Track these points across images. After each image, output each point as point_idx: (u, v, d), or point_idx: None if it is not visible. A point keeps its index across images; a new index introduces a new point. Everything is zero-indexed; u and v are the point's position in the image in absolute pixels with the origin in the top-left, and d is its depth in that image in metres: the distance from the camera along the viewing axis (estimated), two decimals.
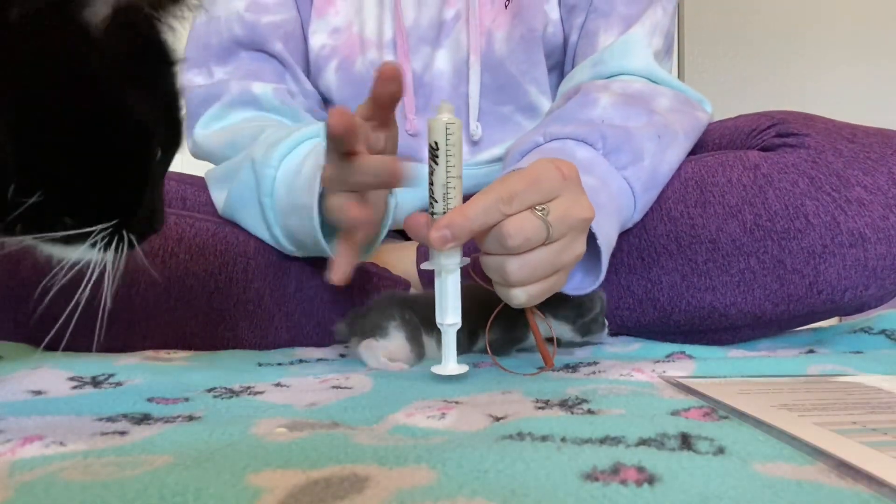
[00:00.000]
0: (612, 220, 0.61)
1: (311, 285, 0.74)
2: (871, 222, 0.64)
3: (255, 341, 0.71)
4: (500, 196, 0.47)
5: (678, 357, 0.62)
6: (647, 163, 0.66)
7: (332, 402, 0.44)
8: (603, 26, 0.79)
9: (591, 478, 0.26)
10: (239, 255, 0.71)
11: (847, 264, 0.64)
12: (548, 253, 0.49)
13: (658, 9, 0.79)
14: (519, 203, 0.48)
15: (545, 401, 0.42)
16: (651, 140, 0.67)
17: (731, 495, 0.24)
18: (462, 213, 0.47)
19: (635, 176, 0.65)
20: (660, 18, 0.79)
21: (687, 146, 0.73)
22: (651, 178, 0.67)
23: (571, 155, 0.64)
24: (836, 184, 0.65)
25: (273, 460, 0.28)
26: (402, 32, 0.82)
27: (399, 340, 0.59)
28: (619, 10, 0.79)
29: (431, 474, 0.26)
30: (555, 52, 0.86)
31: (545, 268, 0.50)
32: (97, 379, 0.50)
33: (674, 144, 0.70)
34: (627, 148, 0.65)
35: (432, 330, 0.59)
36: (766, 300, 0.67)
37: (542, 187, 0.49)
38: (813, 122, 0.70)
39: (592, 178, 0.61)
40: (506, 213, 0.47)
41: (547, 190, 0.49)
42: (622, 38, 0.77)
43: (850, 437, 0.30)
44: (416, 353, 0.60)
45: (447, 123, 0.48)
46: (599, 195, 0.60)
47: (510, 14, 0.83)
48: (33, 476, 0.27)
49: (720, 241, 0.67)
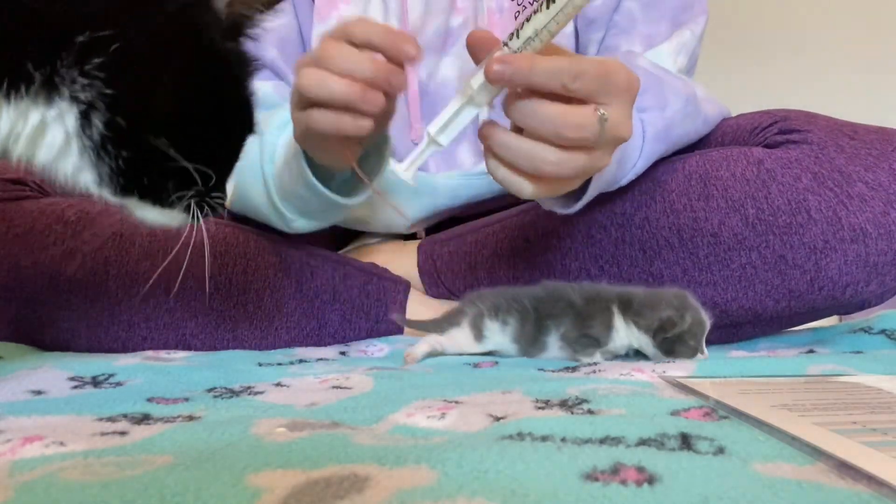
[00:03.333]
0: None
1: (311, 285, 0.74)
2: (872, 218, 0.64)
3: (255, 342, 0.71)
4: (571, 68, 0.46)
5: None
6: (667, 114, 0.66)
7: (332, 402, 0.44)
8: (625, 42, 0.80)
9: (591, 478, 0.26)
10: (239, 255, 0.71)
11: (848, 260, 0.65)
12: (587, 159, 0.49)
13: (687, 31, 0.79)
14: (583, 85, 0.46)
15: (545, 401, 0.42)
16: (678, 98, 0.68)
17: (731, 495, 0.24)
18: (530, 60, 0.46)
19: (651, 121, 0.65)
20: (687, 40, 0.79)
21: (702, 131, 0.74)
22: (665, 130, 0.67)
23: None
24: (838, 179, 0.65)
25: (273, 460, 0.28)
26: None
27: (465, 329, 0.63)
28: (639, 28, 0.79)
29: (431, 474, 0.26)
30: None
31: (577, 172, 0.49)
32: (97, 379, 0.50)
33: (693, 119, 0.71)
34: (654, 92, 0.66)
35: (496, 315, 0.62)
36: (766, 296, 0.67)
37: (609, 84, 0.48)
38: (815, 120, 0.70)
39: None
40: (569, 86, 0.46)
41: (612, 90, 0.48)
42: (648, 53, 0.77)
43: (850, 437, 0.30)
44: (477, 336, 0.63)
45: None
46: None
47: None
48: (33, 476, 0.27)
49: (722, 234, 0.67)
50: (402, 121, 0.85)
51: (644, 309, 0.58)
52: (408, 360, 0.61)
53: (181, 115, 0.41)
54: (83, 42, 0.37)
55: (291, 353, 0.67)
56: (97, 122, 0.38)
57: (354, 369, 0.57)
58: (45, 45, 0.37)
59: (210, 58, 0.42)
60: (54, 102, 0.38)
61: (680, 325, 0.56)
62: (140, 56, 0.39)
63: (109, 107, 0.38)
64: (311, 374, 0.54)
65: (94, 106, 0.38)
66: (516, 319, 0.62)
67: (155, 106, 0.40)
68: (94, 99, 0.38)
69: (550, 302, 0.62)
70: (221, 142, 0.44)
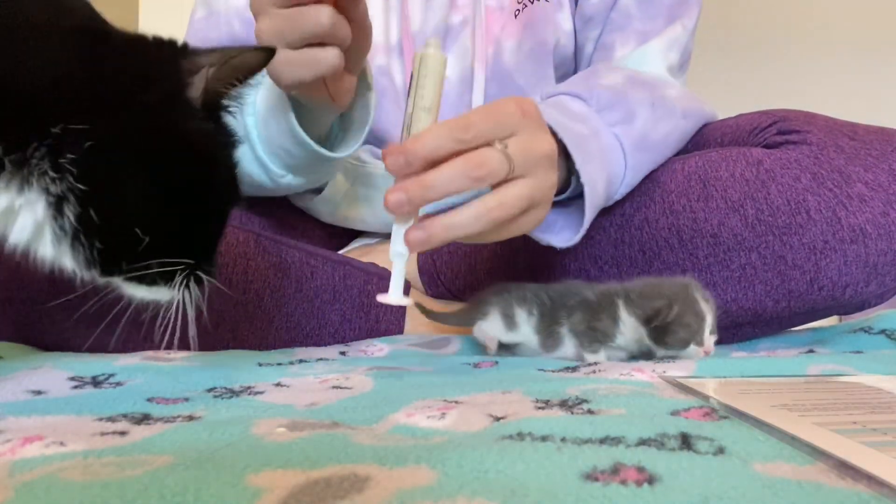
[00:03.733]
0: (599, 169, 0.62)
1: (310, 285, 0.74)
2: (871, 218, 0.64)
3: (255, 342, 0.71)
4: (457, 124, 0.47)
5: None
6: (638, 125, 0.67)
7: (332, 401, 0.44)
8: (619, 40, 0.80)
9: (591, 478, 0.26)
10: (239, 256, 0.71)
11: (848, 260, 0.64)
12: (523, 188, 0.49)
13: (678, 26, 0.79)
14: (475, 133, 0.47)
15: (545, 401, 0.42)
16: (644, 106, 0.68)
17: (731, 495, 0.24)
18: (417, 138, 0.47)
19: (624, 133, 0.66)
20: (679, 35, 0.79)
21: (685, 126, 0.74)
22: (641, 140, 0.67)
23: (566, 107, 0.65)
24: (837, 180, 0.65)
25: (273, 460, 0.28)
26: (408, 37, 0.82)
27: (496, 318, 0.65)
28: (634, 25, 0.79)
29: (431, 474, 0.26)
30: (564, 64, 0.86)
31: (522, 202, 0.49)
32: (97, 379, 0.50)
33: (669, 118, 0.70)
34: (620, 108, 0.66)
35: (523, 303, 0.65)
36: (766, 296, 0.67)
37: (500, 121, 0.48)
38: (814, 120, 0.70)
39: (584, 127, 0.63)
40: (461, 139, 0.46)
41: (505, 124, 0.49)
42: (639, 50, 0.78)
43: (850, 437, 0.30)
44: (508, 325, 0.65)
45: (421, 55, 0.48)
46: (589, 143, 0.61)
47: (520, 24, 0.82)
48: (33, 476, 0.27)
49: (721, 235, 0.67)
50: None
51: (640, 299, 0.59)
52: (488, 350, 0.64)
53: (157, 207, 0.41)
54: (56, 134, 0.37)
55: (291, 353, 0.67)
56: (69, 213, 0.38)
57: (354, 369, 0.57)
58: (18, 132, 0.36)
59: (188, 144, 0.42)
60: (23, 192, 0.38)
61: (665, 314, 0.56)
62: (114, 153, 0.39)
63: (81, 201, 0.38)
64: (311, 374, 0.54)
65: (66, 198, 0.38)
66: (537, 310, 0.64)
67: (129, 201, 0.40)
68: (65, 192, 0.38)
69: (566, 295, 0.63)
70: (204, 221, 0.45)
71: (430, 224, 0.48)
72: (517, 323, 0.65)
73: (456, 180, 0.46)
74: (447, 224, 0.48)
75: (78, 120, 0.37)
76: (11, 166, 0.37)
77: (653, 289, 0.59)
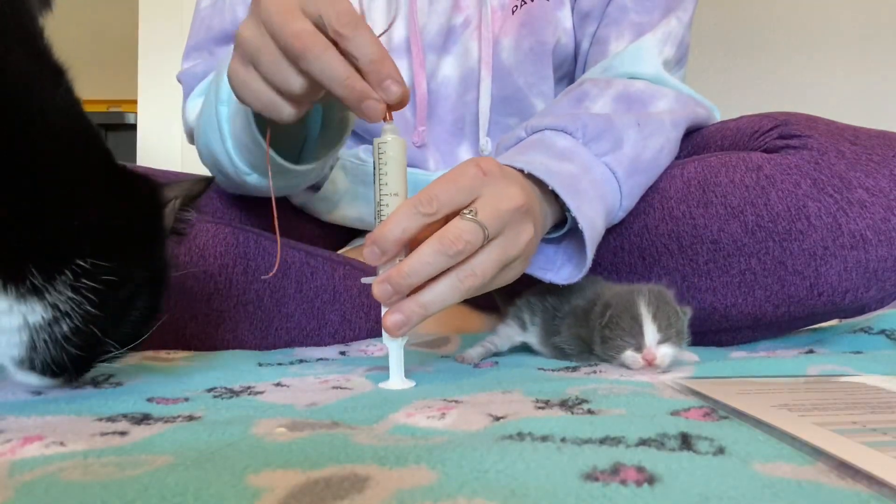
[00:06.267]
0: (595, 205, 0.61)
1: (310, 286, 0.74)
2: (872, 224, 0.64)
3: (255, 342, 0.71)
4: (419, 199, 0.47)
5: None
6: (627, 150, 0.66)
7: (332, 402, 0.44)
8: (614, 34, 0.79)
9: (591, 478, 0.26)
10: (239, 256, 0.71)
11: (848, 266, 0.64)
12: (494, 251, 0.49)
13: (673, 19, 0.79)
14: (439, 204, 0.47)
15: (545, 401, 0.42)
16: (631, 128, 0.67)
17: (731, 495, 0.24)
18: (385, 223, 0.47)
19: (615, 162, 0.65)
20: (674, 28, 0.79)
21: (675, 134, 0.73)
22: (633, 164, 0.67)
23: (552, 144, 0.64)
24: (838, 185, 0.65)
25: (273, 460, 0.28)
26: (416, 37, 0.82)
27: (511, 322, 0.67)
28: (630, 17, 0.79)
29: (431, 474, 0.26)
30: (565, 63, 0.86)
31: (494, 266, 0.49)
32: (97, 379, 0.50)
33: (658, 134, 0.70)
34: (608, 136, 0.66)
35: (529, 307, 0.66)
36: (766, 301, 0.67)
37: (462, 186, 0.48)
38: (815, 124, 0.70)
39: (573, 165, 0.62)
40: (427, 213, 0.46)
41: (467, 188, 0.48)
42: (633, 45, 0.77)
43: (850, 437, 0.30)
44: (522, 326, 0.66)
45: (379, 143, 0.48)
46: (580, 182, 0.60)
47: (517, 21, 0.82)
48: (33, 476, 0.27)
49: (721, 241, 0.67)
50: (405, 124, 0.85)
51: (588, 304, 0.59)
52: (463, 361, 0.63)
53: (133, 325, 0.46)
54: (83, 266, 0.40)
55: (291, 353, 0.67)
56: (65, 326, 0.41)
57: (354, 369, 0.57)
58: (51, 258, 0.40)
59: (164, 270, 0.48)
60: (28, 301, 0.40)
61: (595, 319, 0.57)
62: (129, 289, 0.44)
63: (86, 320, 0.41)
64: (312, 374, 0.54)
65: (69, 315, 0.41)
66: (540, 317, 0.65)
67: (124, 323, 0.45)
68: (72, 310, 0.41)
69: (563, 301, 0.63)
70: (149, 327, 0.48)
71: (406, 306, 0.47)
72: (527, 325, 0.66)
73: (434, 262, 0.46)
74: (423, 302, 0.47)
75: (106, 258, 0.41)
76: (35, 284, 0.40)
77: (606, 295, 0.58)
